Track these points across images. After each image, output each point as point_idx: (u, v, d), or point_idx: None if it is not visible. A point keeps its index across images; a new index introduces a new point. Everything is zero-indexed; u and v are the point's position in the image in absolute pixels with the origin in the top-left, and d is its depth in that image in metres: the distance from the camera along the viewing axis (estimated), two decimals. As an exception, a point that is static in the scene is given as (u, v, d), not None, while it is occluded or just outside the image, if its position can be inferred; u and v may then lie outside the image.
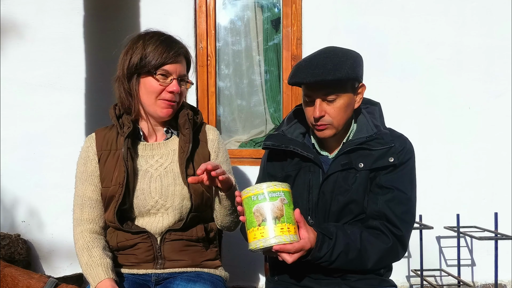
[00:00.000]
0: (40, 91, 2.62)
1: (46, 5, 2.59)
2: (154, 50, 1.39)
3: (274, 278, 1.44)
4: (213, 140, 1.53)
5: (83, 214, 1.44)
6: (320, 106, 1.28)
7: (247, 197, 1.15)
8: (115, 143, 1.46)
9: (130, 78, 1.41)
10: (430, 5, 2.59)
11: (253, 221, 1.13)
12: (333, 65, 1.23)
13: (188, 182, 1.39)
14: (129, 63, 1.40)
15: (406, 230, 1.29)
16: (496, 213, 2.43)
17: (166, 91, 1.40)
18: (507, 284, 2.62)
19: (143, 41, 1.41)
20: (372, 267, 1.27)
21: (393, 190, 1.28)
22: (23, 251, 2.49)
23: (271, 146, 1.40)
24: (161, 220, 1.42)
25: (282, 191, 1.15)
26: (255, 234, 1.12)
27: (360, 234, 1.25)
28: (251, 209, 1.14)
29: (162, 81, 1.39)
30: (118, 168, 1.41)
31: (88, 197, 1.45)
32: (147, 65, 1.38)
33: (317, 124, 1.30)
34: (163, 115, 1.43)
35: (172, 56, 1.39)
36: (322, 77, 1.22)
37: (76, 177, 1.49)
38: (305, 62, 1.28)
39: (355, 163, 1.31)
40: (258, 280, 2.62)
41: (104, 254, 1.37)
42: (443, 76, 2.61)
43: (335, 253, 1.21)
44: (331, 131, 1.31)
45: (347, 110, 1.30)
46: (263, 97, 2.84)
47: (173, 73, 1.40)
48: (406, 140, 1.35)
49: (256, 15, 2.79)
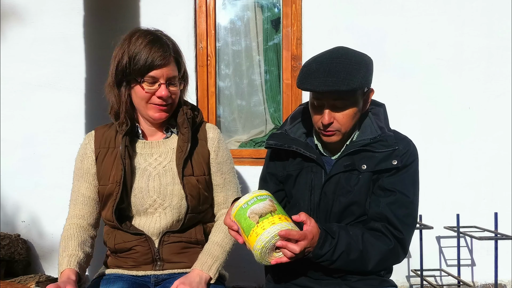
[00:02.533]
0: (40, 91, 2.62)
1: (46, 5, 2.59)
2: (140, 53, 1.34)
3: (274, 278, 1.43)
4: (213, 138, 1.50)
5: (75, 210, 1.47)
6: (329, 113, 1.25)
7: (238, 209, 1.16)
8: (113, 141, 1.45)
9: (119, 84, 1.40)
10: (430, 5, 2.59)
11: (251, 223, 1.13)
12: (346, 74, 1.19)
13: (184, 182, 1.38)
14: (117, 68, 1.38)
15: (407, 233, 1.29)
16: (496, 213, 2.43)
17: (155, 97, 1.37)
18: (507, 284, 2.62)
19: (129, 44, 1.36)
20: (372, 269, 1.26)
21: (395, 192, 1.28)
22: (23, 251, 2.49)
23: (273, 145, 1.38)
24: (158, 220, 1.41)
25: (266, 194, 1.19)
26: (257, 232, 1.11)
27: (362, 235, 1.25)
28: (245, 216, 1.14)
29: (148, 88, 1.36)
30: (115, 166, 1.41)
31: (82, 193, 1.46)
32: (133, 71, 1.35)
33: (324, 130, 1.28)
34: (155, 118, 1.41)
35: (158, 59, 1.34)
36: (336, 87, 1.17)
37: (73, 172, 1.50)
38: (316, 65, 1.23)
39: (358, 164, 1.30)
40: (258, 280, 2.62)
41: (79, 247, 1.38)
42: (443, 76, 2.61)
43: (336, 252, 1.20)
44: (338, 137, 1.29)
45: (355, 116, 1.28)
46: (263, 97, 2.83)
47: (160, 78, 1.36)
48: (410, 143, 1.34)
49: (256, 15, 2.79)
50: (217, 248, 1.42)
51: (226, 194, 1.52)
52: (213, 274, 1.36)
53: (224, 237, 1.45)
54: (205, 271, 1.35)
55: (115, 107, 1.43)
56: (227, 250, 1.44)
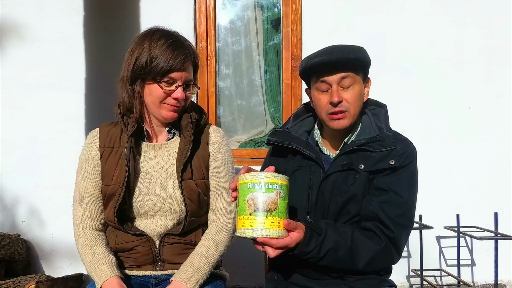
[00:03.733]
0: (40, 91, 2.62)
1: (46, 5, 2.59)
2: (161, 55, 1.33)
3: (274, 278, 1.43)
4: (215, 141, 1.49)
5: (84, 211, 1.43)
6: (338, 91, 1.28)
7: (243, 183, 1.13)
8: (118, 140, 1.44)
9: (134, 81, 1.38)
10: (430, 5, 2.59)
11: (244, 209, 1.11)
12: (349, 50, 1.27)
13: (182, 186, 1.38)
14: (134, 66, 1.36)
15: (399, 232, 1.27)
16: (496, 213, 2.43)
17: (171, 97, 1.37)
18: (507, 284, 2.62)
19: (149, 43, 1.35)
20: (364, 268, 1.26)
21: (388, 192, 1.27)
22: (23, 251, 2.49)
23: (274, 142, 1.40)
24: (159, 223, 1.41)
25: (279, 183, 1.13)
26: (244, 222, 1.11)
27: (352, 233, 1.25)
28: (245, 196, 1.12)
29: (166, 88, 1.36)
30: (119, 167, 1.40)
31: (89, 193, 1.43)
32: (152, 71, 1.34)
33: (334, 111, 1.28)
34: (167, 117, 1.41)
35: (178, 63, 1.34)
36: (344, 55, 1.24)
37: (78, 172, 1.47)
38: (317, 52, 1.29)
39: (356, 164, 1.30)
40: (258, 280, 2.62)
41: (107, 251, 1.37)
42: (443, 76, 2.61)
43: (323, 249, 1.20)
44: (347, 120, 1.30)
45: (360, 99, 1.32)
46: (263, 97, 2.84)
47: (179, 80, 1.36)
48: (409, 144, 1.33)
49: (256, 15, 2.79)
50: (200, 259, 1.38)
51: (216, 199, 1.48)
52: (191, 286, 1.32)
53: (209, 247, 1.41)
54: (183, 282, 1.32)
55: (126, 102, 1.41)
56: (211, 262, 1.39)
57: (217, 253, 1.41)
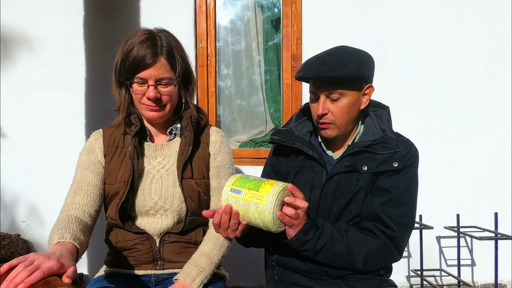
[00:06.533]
0: (40, 91, 2.62)
1: (46, 5, 2.60)
2: (129, 56, 1.32)
3: (274, 278, 1.43)
4: (215, 142, 1.50)
5: (75, 198, 1.36)
6: (324, 104, 1.28)
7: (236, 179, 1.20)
8: (122, 141, 1.45)
9: (121, 84, 1.41)
10: (430, 5, 2.59)
11: (259, 181, 1.17)
12: (338, 63, 1.22)
13: (183, 185, 1.38)
14: (115, 69, 1.39)
15: (401, 232, 1.28)
16: (496, 213, 2.43)
17: (145, 97, 1.36)
18: (507, 284, 2.62)
19: (124, 44, 1.36)
20: (363, 267, 1.26)
21: (389, 192, 1.28)
22: (23, 251, 2.49)
23: (277, 141, 1.39)
24: (160, 222, 1.42)
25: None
26: (268, 186, 1.14)
27: (349, 230, 1.27)
28: (249, 179, 1.19)
29: (138, 88, 1.35)
30: (124, 166, 1.41)
31: (86, 183, 1.39)
32: (125, 71, 1.35)
33: (320, 121, 1.30)
34: (149, 117, 1.41)
35: (145, 61, 1.31)
36: (326, 73, 1.22)
37: (77, 166, 1.46)
38: (314, 59, 1.29)
39: (359, 165, 1.30)
40: (258, 280, 2.62)
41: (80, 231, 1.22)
42: (443, 76, 2.61)
43: (320, 241, 1.22)
44: (333, 131, 1.31)
45: (351, 110, 1.29)
46: (263, 97, 2.84)
47: (149, 79, 1.33)
48: (411, 146, 1.34)
49: (256, 15, 2.79)
50: (204, 259, 1.37)
51: (217, 199, 1.49)
52: (196, 286, 1.32)
53: (213, 247, 1.41)
54: (188, 282, 1.31)
55: (119, 105, 1.45)
56: (214, 262, 1.39)
57: (220, 253, 1.42)
